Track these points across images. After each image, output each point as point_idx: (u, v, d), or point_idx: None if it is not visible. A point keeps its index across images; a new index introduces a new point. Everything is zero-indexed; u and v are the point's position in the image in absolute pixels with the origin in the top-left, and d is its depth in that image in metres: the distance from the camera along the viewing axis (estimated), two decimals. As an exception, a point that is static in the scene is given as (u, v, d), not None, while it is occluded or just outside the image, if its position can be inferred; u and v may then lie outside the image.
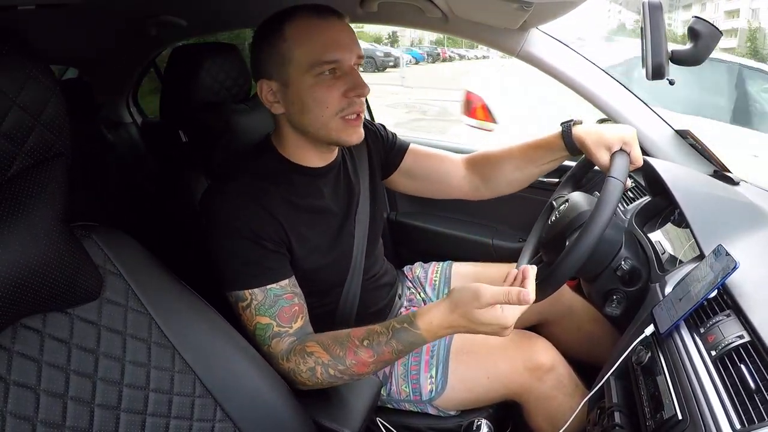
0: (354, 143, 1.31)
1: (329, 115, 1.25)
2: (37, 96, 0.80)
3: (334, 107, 1.24)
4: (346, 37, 1.24)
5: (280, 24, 1.23)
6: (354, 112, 1.26)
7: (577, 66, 1.82)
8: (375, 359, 1.15)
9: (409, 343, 1.14)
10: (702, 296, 1.00)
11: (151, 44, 2.61)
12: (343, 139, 1.29)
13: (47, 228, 0.83)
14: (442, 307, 1.12)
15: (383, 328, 1.16)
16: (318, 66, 1.21)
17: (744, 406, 0.81)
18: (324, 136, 1.29)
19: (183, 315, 1.06)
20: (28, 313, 0.86)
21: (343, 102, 1.24)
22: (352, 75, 1.24)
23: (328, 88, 1.23)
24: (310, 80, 1.22)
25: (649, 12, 1.38)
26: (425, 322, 1.12)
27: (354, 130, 1.28)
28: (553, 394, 1.44)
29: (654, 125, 1.80)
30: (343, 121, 1.26)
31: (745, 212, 1.39)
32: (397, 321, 1.16)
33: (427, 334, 1.13)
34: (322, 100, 1.23)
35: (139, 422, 0.98)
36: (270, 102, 1.29)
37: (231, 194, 1.25)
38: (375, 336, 1.15)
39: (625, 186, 1.26)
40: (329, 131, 1.27)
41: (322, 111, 1.24)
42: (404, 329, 1.13)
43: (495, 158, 1.62)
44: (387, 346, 1.14)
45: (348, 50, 1.23)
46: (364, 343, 1.16)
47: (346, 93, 1.24)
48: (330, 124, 1.26)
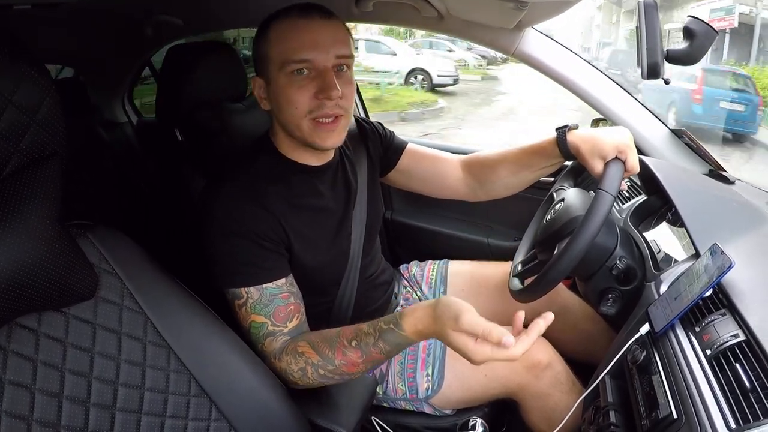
0: (329, 147, 1.31)
1: (299, 115, 1.24)
2: (33, 95, 0.80)
3: (304, 108, 1.23)
4: (325, 36, 1.23)
5: (268, 23, 1.25)
6: (326, 114, 1.24)
7: (572, 65, 1.82)
8: (364, 359, 1.15)
9: (396, 344, 1.13)
10: (697, 295, 1.01)
11: (146, 44, 2.61)
12: (316, 142, 1.28)
13: (42, 227, 0.83)
14: (426, 313, 1.09)
15: (371, 328, 1.15)
16: (288, 65, 1.21)
17: (739, 405, 0.81)
18: (299, 137, 1.29)
19: (178, 314, 1.06)
20: (23, 312, 0.86)
21: (313, 103, 1.23)
22: (324, 77, 1.22)
23: (298, 88, 1.22)
24: (283, 79, 1.23)
25: (644, 11, 1.38)
26: (410, 325, 1.11)
27: (327, 134, 1.27)
28: (550, 392, 1.45)
29: (649, 124, 1.80)
30: (314, 123, 1.25)
31: (741, 211, 1.40)
32: (383, 321, 1.15)
33: (412, 335, 1.11)
34: (292, 100, 1.23)
35: (135, 421, 0.99)
36: (261, 98, 1.31)
37: (229, 193, 1.25)
38: (363, 336, 1.15)
39: (621, 188, 1.26)
40: (302, 132, 1.27)
41: (292, 111, 1.24)
42: (390, 330, 1.13)
43: (490, 162, 1.62)
44: (375, 347, 1.13)
45: (323, 50, 1.22)
46: (353, 343, 1.15)
47: (316, 94, 1.23)
48: (301, 125, 1.25)
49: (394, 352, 1.15)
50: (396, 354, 1.18)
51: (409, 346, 1.16)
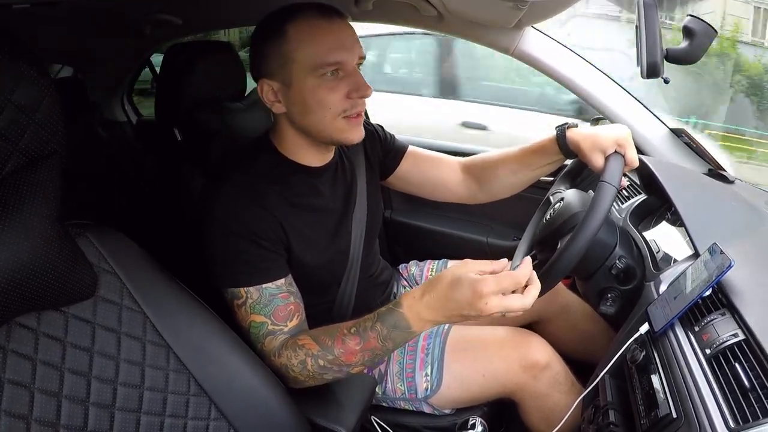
0: (356, 141, 1.31)
1: (332, 116, 1.24)
2: (32, 94, 0.80)
3: (337, 109, 1.24)
4: (349, 37, 1.24)
5: (282, 24, 1.22)
6: (358, 112, 1.26)
7: (571, 64, 1.82)
8: (362, 346, 1.15)
9: (393, 325, 1.12)
10: (696, 295, 1.01)
11: (146, 43, 2.60)
12: (346, 139, 1.29)
13: (42, 226, 0.83)
14: (426, 285, 1.11)
15: (371, 314, 1.16)
16: (321, 68, 1.20)
17: (738, 405, 0.81)
18: (326, 137, 1.29)
19: (178, 313, 1.06)
20: (22, 311, 0.86)
21: (346, 103, 1.24)
22: (354, 76, 1.24)
23: (330, 89, 1.22)
24: (312, 82, 1.22)
25: (644, 10, 1.38)
26: (406, 301, 1.12)
27: (357, 128, 1.29)
28: (549, 392, 1.44)
29: (649, 124, 1.81)
30: (347, 121, 1.26)
31: (740, 211, 1.40)
32: (383, 307, 1.16)
33: (409, 312, 1.11)
34: (325, 102, 1.23)
35: (134, 420, 0.98)
36: (271, 101, 1.28)
37: (229, 192, 1.24)
38: (362, 322, 1.16)
39: (621, 186, 1.26)
40: (332, 132, 1.27)
41: (325, 113, 1.24)
42: (388, 310, 1.13)
43: (490, 163, 1.62)
44: (372, 330, 1.13)
45: (350, 51, 1.23)
46: (352, 330, 1.16)
47: (349, 94, 1.23)
48: (334, 125, 1.26)
49: (391, 337, 1.14)
50: (393, 341, 1.16)
51: (406, 329, 1.13)
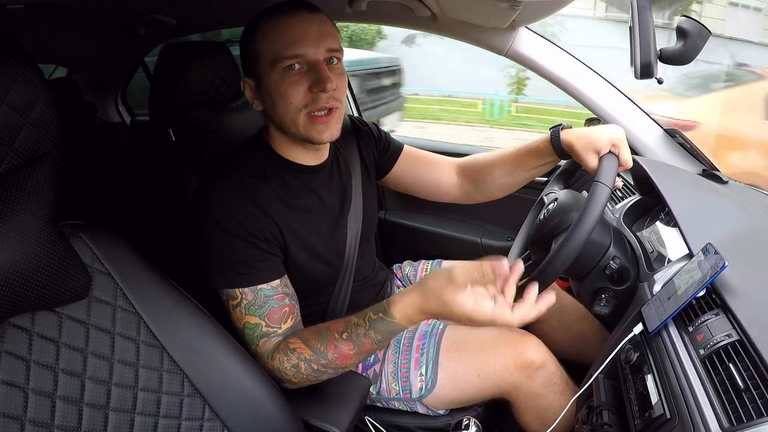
0: (325, 141, 1.30)
1: (294, 111, 1.24)
2: (26, 95, 0.80)
3: (299, 103, 1.23)
4: (313, 30, 1.23)
5: (253, 22, 1.25)
6: (321, 107, 1.24)
7: (565, 65, 1.82)
8: (356, 351, 1.16)
9: (387, 332, 1.13)
10: (690, 295, 1.01)
11: (140, 43, 2.60)
12: (312, 137, 1.28)
13: (36, 227, 0.83)
14: (416, 293, 1.11)
15: (360, 319, 1.16)
16: (280, 61, 1.21)
17: (732, 405, 0.81)
18: (294, 133, 1.29)
19: (171, 314, 1.06)
20: (16, 311, 0.85)
21: (308, 97, 1.23)
22: (316, 70, 1.23)
23: (292, 83, 1.22)
24: (275, 76, 1.23)
25: (637, 11, 1.39)
26: (399, 310, 1.12)
27: (323, 127, 1.27)
28: (543, 392, 1.45)
29: (642, 124, 1.81)
30: (310, 117, 1.25)
31: (734, 211, 1.40)
32: (372, 311, 1.15)
33: (403, 321, 1.12)
34: (286, 95, 1.23)
35: (128, 421, 0.98)
36: (251, 99, 1.31)
37: (224, 192, 1.24)
38: (353, 328, 1.15)
39: (615, 186, 1.26)
40: (297, 128, 1.27)
41: (287, 107, 1.24)
42: (380, 319, 1.13)
43: (485, 164, 1.62)
44: (366, 337, 1.14)
45: (313, 44, 1.22)
46: (344, 335, 1.16)
47: (311, 88, 1.23)
48: (297, 120, 1.25)
49: (386, 339, 1.15)
50: (388, 341, 1.18)
51: (401, 332, 1.16)
